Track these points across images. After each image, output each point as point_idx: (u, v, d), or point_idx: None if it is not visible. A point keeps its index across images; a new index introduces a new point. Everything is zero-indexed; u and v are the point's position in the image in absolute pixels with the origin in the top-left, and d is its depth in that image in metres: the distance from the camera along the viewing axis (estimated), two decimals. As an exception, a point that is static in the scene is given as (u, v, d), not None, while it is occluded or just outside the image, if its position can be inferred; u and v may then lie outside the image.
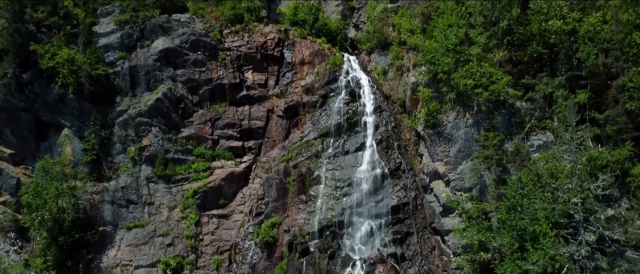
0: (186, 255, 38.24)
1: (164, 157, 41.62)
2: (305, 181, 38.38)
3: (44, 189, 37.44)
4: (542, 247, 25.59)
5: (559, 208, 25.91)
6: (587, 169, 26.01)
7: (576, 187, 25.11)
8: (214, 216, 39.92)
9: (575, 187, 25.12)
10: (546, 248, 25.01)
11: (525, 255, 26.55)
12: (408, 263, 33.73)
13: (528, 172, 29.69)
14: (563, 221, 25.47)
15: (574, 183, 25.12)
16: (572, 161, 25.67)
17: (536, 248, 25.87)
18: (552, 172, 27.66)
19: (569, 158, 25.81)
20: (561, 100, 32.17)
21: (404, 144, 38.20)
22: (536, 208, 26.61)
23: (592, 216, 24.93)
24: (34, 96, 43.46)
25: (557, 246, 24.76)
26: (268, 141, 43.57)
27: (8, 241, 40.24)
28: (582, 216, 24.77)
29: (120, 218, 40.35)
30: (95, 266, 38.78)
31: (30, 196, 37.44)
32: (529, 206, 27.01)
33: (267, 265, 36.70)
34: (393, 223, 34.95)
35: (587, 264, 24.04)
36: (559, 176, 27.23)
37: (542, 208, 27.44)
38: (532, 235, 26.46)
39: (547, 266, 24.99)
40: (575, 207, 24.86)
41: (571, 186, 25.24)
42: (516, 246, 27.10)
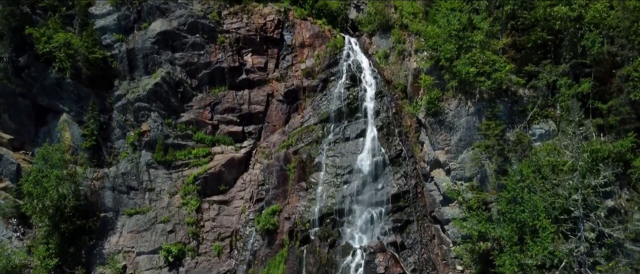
0: (187, 242, 38.77)
1: (163, 143, 41.74)
2: (306, 167, 38.54)
3: (44, 177, 37.63)
4: (541, 241, 25.87)
5: (559, 201, 26.04)
6: (588, 165, 25.98)
7: (577, 184, 25.16)
8: (214, 202, 40.31)
9: (576, 183, 25.17)
10: (545, 242, 25.28)
11: (524, 247, 26.89)
12: (408, 251, 34.20)
13: (529, 163, 29.75)
14: (563, 216, 25.65)
15: (575, 179, 25.16)
16: (573, 157, 25.63)
17: (535, 241, 26.15)
18: (553, 166, 27.67)
19: (571, 154, 25.76)
20: (564, 89, 31.95)
21: (405, 131, 38.18)
22: (536, 200, 26.71)
23: (592, 213, 25.09)
24: (31, 80, 43.31)
25: (557, 241, 25.01)
26: (268, 125, 43.56)
27: (10, 227, 40.77)
28: (582, 212, 24.92)
29: (121, 204, 40.77)
30: (97, 252, 39.40)
31: (31, 185, 37.65)
32: (529, 199, 27.15)
33: (268, 252, 37.24)
34: (393, 211, 35.29)
35: (586, 260, 24.34)
36: (560, 170, 27.23)
37: (542, 198, 27.58)
38: (531, 228, 26.70)
39: (545, 261, 25.32)
40: (576, 203, 24.98)
41: (572, 182, 25.27)
42: (515, 239, 27.40)
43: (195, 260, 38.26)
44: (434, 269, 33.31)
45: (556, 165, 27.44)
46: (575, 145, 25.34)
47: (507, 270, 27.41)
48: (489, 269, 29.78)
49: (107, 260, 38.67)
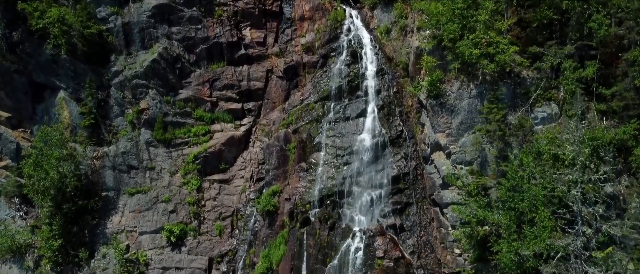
0: (189, 221, 39.53)
1: (162, 121, 41.87)
2: (306, 147, 38.73)
3: (44, 159, 37.93)
4: (539, 231, 26.33)
5: (558, 191, 26.30)
6: (588, 158, 26.07)
7: (577, 178, 25.35)
8: (215, 181, 40.80)
9: (576, 177, 25.36)
10: (543, 234, 25.74)
11: (522, 236, 27.39)
12: (407, 233, 34.85)
13: (530, 150, 29.88)
14: (561, 211, 26.00)
15: (575, 174, 25.33)
16: (574, 151, 25.70)
17: (533, 231, 26.62)
18: (554, 158, 27.77)
19: (572, 148, 25.81)
20: (569, 72, 31.59)
21: (406, 111, 38.09)
22: (536, 191, 27.00)
23: (590, 208, 25.40)
24: (26, 56, 43.00)
25: (554, 235, 25.44)
26: (268, 102, 43.50)
27: (13, 206, 41.49)
28: (580, 207, 25.23)
29: (122, 183, 41.32)
30: (100, 231, 40.25)
31: (31, 167, 38.00)
32: (528, 189, 27.43)
33: (268, 233, 38.01)
34: (393, 193, 35.71)
35: (582, 253, 24.85)
36: (561, 161, 27.34)
37: (542, 185, 27.85)
38: (530, 218, 27.12)
39: (542, 252, 25.88)
40: (574, 198, 25.25)
41: (572, 176, 25.45)
42: (514, 228, 27.87)
43: (197, 240, 39.15)
44: (433, 252, 34.05)
45: (557, 156, 27.48)
46: (576, 139, 25.31)
47: (504, 257, 28.02)
48: (486, 254, 30.41)
49: (110, 240, 39.58)
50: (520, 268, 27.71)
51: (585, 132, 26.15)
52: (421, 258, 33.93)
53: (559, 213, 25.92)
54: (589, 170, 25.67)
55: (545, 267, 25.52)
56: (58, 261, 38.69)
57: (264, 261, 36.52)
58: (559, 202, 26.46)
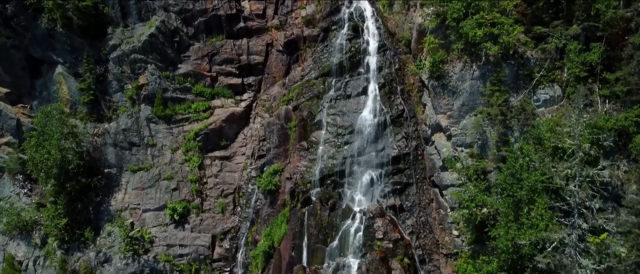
0: (191, 199, 40.35)
1: (162, 97, 41.97)
2: (307, 126, 38.97)
3: (46, 141, 38.35)
4: (536, 221, 27.02)
5: (556, 183, 26.75)
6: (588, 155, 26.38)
7: (575, 172, 25.73)
8: (216, 158, 41.33)
9: (575, 172, 25.73)
10: (540, 224, 26.41)
11: (519, 223, 28.13)
12: (406, 213, 35.65)
13: (530, 135, 30.17)
14: (559, 204, 26.52)
15: (573, 169, 25.68)
16: (574, 145, 25.95)
17: (530, 220, 27.30)
18: (554, 148, 28.04)
19: (571, 142, 26.05)
20: (573, 55, 31.40)
21: (407, 89, 38.06)
22: (534, 181, 27.48)
23: (587, 202, 25.91)
24: (22, 30, 42.75)
25: (551, 226, 26.09)
26: (268, 77, 43.37)
27: (17, 183, 42.30)
28: (577, 201, 25.73)
29: (124, 160, 41.91)
30: (104, 209, 41.20)
31: (33, 149, 38.47)
32: (527, 178, 27.89)
33: (270, 212, 38.87)
34: (393, 173, 36.25)
35: (577, 244, 25.59)
36: (560, 148, 27.65)
37: (540, 171, 28.31)
38: (528, 208, 27.75)
39: (538, 242, 26.65)
40: (572, 193, 25.72)
41: (570, 171, 25.81)
42: (511, 215, 28.55)
43: (200, 217, 40.11)
44: (431, 233, 34.97)
45: (556, 147, 27.77)
46: (577, 134, 25.52)
47: (501, 243, 28.87)
48: (484, 237, 31.27)
49: (114, 217, 40.57)
50: (516, 254, 28.62)
51: (586, 126, 26.23)
52: (420, 238, 34.90)
53: (556, 205, 26.43)
54: (587, 165, 25.99)
55: (540, 256, 26.30)
56: (64, 239, 39.90)
57: (266, 240, 37.61)
58: (556, 195, 26.96)
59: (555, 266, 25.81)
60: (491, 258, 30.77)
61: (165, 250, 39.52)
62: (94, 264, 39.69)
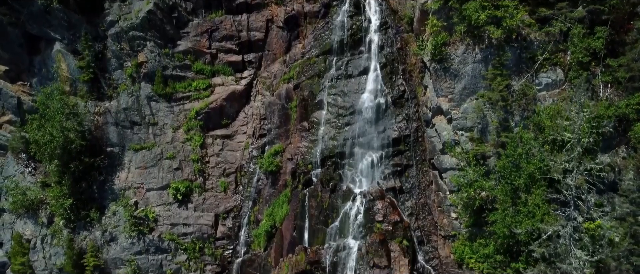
0: (194, 178, 41.10)
1: (162, 74, 42.06)
2: (308, 106, 39.17)
3: (48, 122, 38.73)
4: (532, 208, 27.73)
5: (553, 173, 27.25)
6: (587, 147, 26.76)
7: (573, 166, 26.17)
8: (217, 137, 41.80)
9: (573, 166, 26.16)
10: (537, 214, 27.13)
11: (516, 210, 28.89)
12: (406, 195, 36.36)
13: (531, 122, 30.48)
14: (555, 196, 27.08)
15: (572, 164, 26.09)
16: (573, 139, 26.29)
17: (527, 208, 28.01)
18: (554, 141, 28.41)
19: (571, 137, 26.36)
20: (577, 39, 31.27)
21: (409, 69, 37.99)
22: (533, 170, 28.00)
23: (583, 196, 26.48)
24: (18, 7, 42.47)
25: (547, 217, 26.79)
26: (268, 54, 43.24)
27: (21, 162, 42.98)
28: (574, 194, 26.29)
29: (126, 139, 42.43)
30: (108, 188, 42.05)
31: (35, 132, 38.90)
32: (526, 167, 28.40)
33: (272, 192, 39.66)
34: (393, 155, 36.70)
35: (572, 235, 26.34)
36: (559, 140, 28.03)
37: (539, 159, 28.81)
38: (525, 199, 28.40)
39: (534, 232, 27.44)
40: (568, 186, 26.24)
41: (568, 164, 26.24)
42: (509, 202, 29.24)
43: (203, 196, 40.96)
44: (430, 214, 35.79)
45: (555, 140, 28.13)
46: (577, 128, 25.81)
47: (498, 229, 29.71)
48: (481, 220, 32.10)
49: (118, 196, 41.46)
50: (512, 239, 29.52)
51: (586, 119, 26.47)
52: (419, 219, 35.76)
53: (552, 198, 27.04)
54: (585, 157, 26.41)
55: (535, 245, 27.15)
56: (70, 218, 40.94)
57: (268, 219, 38.58)
58: (553, 187, 27.54)
59: (549, 255, 26.68)
60: (488, 241, 31.74)
61: (169, 229, 40.64)
62: (100, 243, 40.95)
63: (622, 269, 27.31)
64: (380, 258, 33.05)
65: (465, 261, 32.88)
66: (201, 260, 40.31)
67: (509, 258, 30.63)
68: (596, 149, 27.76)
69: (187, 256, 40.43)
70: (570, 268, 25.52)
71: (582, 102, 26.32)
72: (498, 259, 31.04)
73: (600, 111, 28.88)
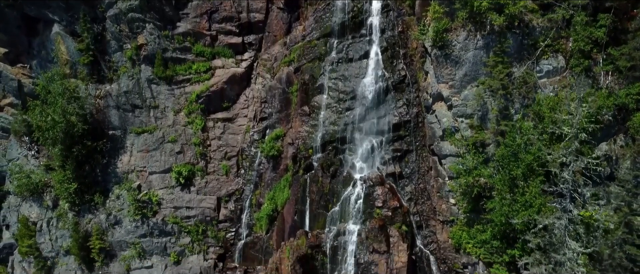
0: (196, 162, 41.68)
1: (162, 57, 42.14)
2: (308, 90, 39.37)
3: (50, 107, 39.05)
4: (530, 198, 28.39)
5: (550, 165, 27.75)
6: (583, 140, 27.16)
7: (570, 160, 26.62)
8: (219, 120, 42.19)
9: (570, 160, 26.61)
10: (535, 204, 27.80)
11: (513, 199, 29.58)
12: (405, 180, 36.98)
13: (530, 111, 30.84)
14: (551, 189, 27.64)
15: (569, 158, 26.54)
16: (571, 134, 26.66)
17: (524, 199, 28.67)
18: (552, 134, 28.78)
19: (569, 131, 26.72)
20: (580, 27, 31.26)
21: (410, 54, 38.02)
22: (531, 160, 28.52)
23: (578, 189, 27.03)
24: (14, -14, 42.02)
25: (543, 210, 27.44)
26: (269, 35, 43.17)
27: (24, 145, 43.46)
28: (570, 188, 26.83)
29: (127, 122, 42.82)
30: (111, 171, 42.71)
31: (38, 117, 39.28)
32: (525, 158, 28.89)
33: (273, 176, 40.31)
34: (393, 140, 37.13)
35: (567, 226, 27.03)
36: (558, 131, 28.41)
37: (537, 147, 29.31)
38: (523, 186, 29.00)
39: (530, 222, 28.17)
40: (565, 180, 26.76)
41: (565, 158, 26.69)
42: (507, 191, 29.86)
43: (205, 179, 41.65)
44: (429, 200, 36.48)
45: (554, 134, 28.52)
46: (575, 122, 26.17)
47: (495, 217, 30.47)
48: (479, 207, 32.81)
49: (122, 180, 42.13)
50: (509, 227, 30.30)
51: (585, 114, 26.79)
52: (418, 204, 36.51)
53: (548, 190, 27.63)
54: (584, 149, 26.88)
55: (530, 235, 27.93)
56: (75, 202, 41.74)
57: (270, 203, 39.38)
58: (550, 179, 28.10)
59: (544, 245, 27.49)
60: (485, 228, 32.55)
61: (172, 212, 41.51)
62: (105, 226, 41.93)
63: (615, 257, 28.16)
64: (380, 243, 33.97)
65: (463, 245, 33.80)
66: (204, 242, 41.37)
67: (505, 244, 31.53)
68: (594, 142, 28.15)
69: (190, 239, 41.50)
70: (564, 259, 26.34)
71: (581, 97, 26.52)
72: (495, 245, 31.94)
73: (599, 102, 29.17)
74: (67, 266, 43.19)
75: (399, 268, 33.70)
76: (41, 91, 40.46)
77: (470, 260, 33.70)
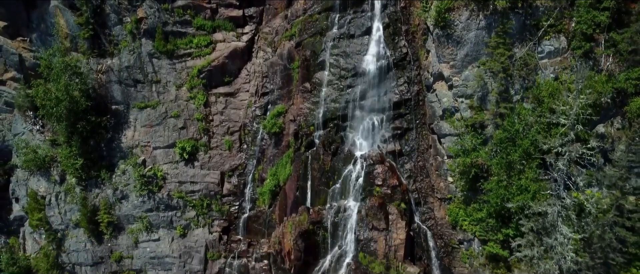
0: (199, 137, 42.59)
1: (163, 31, 42.28)
2: (310, 66, 39.71)
3: (53, 85, 39.58)
4: (526, 184, 29.47)
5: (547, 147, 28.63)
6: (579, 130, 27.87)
7: (565, 151, 27.42)
8: (221, 95, 42.75)
9: (565, 150, 27.41)
10: (531, 188, 28.89)
11: (510, 183, 30.67)
12: (405, 158, 37.96)
13: (530, 94, 31.45)
14: (546, 178, 28.59)
15: (565, 148, 27.31)
16: (568, 124, 27.33)
17: (520, 183, 29.76)
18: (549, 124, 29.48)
19: (566, 122, 27.37)
20: (583, 10, 31.35)
21: (412, 30, 38.11)
22: (528, 146, 29.39)
23: (573, 178, 27.96)
24: (10, -43, 41.65)
25: (538, 197, 28.54)
26: (270, 8, 43.07)
27: (29, 120, 44.22)
28: (564, 176, 27.75)
29: (130, 97, 43.42)
30: (116, 146, 43.70)
31: (42, 97, 39.88)
32: (522, 143, 29.72)
33: (275, 152, 41.28)
34: (394, 118, 37.83)
35: (560, 212, 28.17)
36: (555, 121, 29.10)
37: (537, 130, 30.14)
38: (519, 170, 30.01)
39: (525, 206, 29.35)
40: (560, 169, 27.65)
41: (561, 149, 27.47)
42: (503, 175, 30.89)
43: (208, 155, 42.68)
44: (427, 177, 37.56)
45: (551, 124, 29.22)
46: (573, 112, 26.81)
47: (491, 199, 31.67)
48: (476, 186, 33.95)
49: (127, 154, 43.17)
50: (503, 208, 31.58)
51: (582, 106, 27.39)
52: (417, 182, 37.65)
53: (544, 178, 28.63)
54: (579, 139, 27.66)
55: (524, 220, 29.20)
56: (82, 177, 42.98)
57: (272, 179, 40.57)
58: (545, 166, 29.06)
59: (537, 230, 28.80)
60: (482, 206, 33.80)
61: (177, 187, 42.81)
62: (112, 201, 43.36)
63: (605, 238, 29.53)
64: (379, 221, 35.37)
65: (459, 223, 35.20)
66: (209, 216, 42.93)
67: (500, 223, 32.89)
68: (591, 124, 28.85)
69: (195, 213, 43.02)
70: (555, 243, 27.69)
71: (580, 89, 27.06)
72: (490, 223, 33.30)
73: (598, 88, 29.70)
74: (77, 238, 45.05)
75: (397, 245, 35.24)
76: (44, 70, 40.87)
77: (466, 237, 35.19)
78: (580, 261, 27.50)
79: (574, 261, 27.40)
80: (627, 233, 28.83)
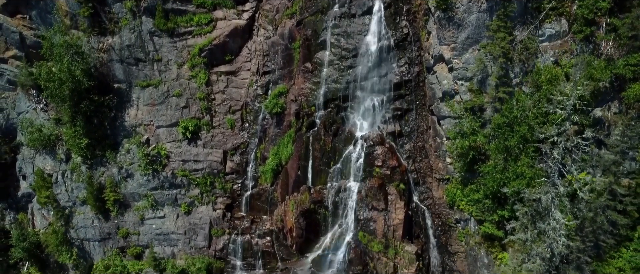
0: (201, 116, 43.32)
1: (163, 8, 42.36)
2: (311, 46, 40.02)
3: (56, 66, 40.05)
4: (521, 170, 30.41)
5: (543, 136, 29.41)
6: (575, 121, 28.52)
7: (561, 141, 28.16)
8: (222, 74, 43.21)
9: (560, 140, 28.14)
10: (526, 174, 29.84)
11: (506, 168, 31.65)
12: (405, 138, 38.79)
13: (530, 79, 31.99)
14: (541, 165, 29.45)
15: (560, 138, 28.03)
16: (564, 115, 27.96)
17: (516, 168, 30.70)
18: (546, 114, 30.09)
19: (563, 113, 27.99)
20: (584, -5, 31.52)
21: (414, 10, 38.21)
22: (525, 132, 30.17)
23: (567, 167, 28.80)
24: None
25: (533, 184, 29.51)
26: (270, -16, 42.91)
27: (32, 99, 44.85)
28: (559, 165, 28.61)
29: (132, 76, 43.90)
30: (119, 124, 44.48)
31: (45, 79, 40.41)
32: (519, 129, 30.49)
33: (277, 132, 42.07)
34: (394, 99, 38.44)
35: (554, 199, 29.18)
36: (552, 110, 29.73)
37: (534, 115, 30.90)
38: (516, 155, 30.90)
39: (520, 192, 30.40)
40: (555, 159, 28.47)
41: (557, 139, 28.20)
42: (501, 160, 31.80)
43: (211, 133, 43.52)
44: (426, 158, 38.48)
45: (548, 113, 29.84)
46: (568, 106, 27.43)
47: (488, 182, 32.71)
48: (474, 169, 34.95)
49: (130, 133, 44.00)
50: (500, 191, 32.67)
51: (579, 96, 27.98)
52: (416, 162, 38.62)
53: (539, 166, 29.53)
54: (575, 124, 28.45)
55: (519, 205, 30.31)
56: (87, 156, 43.99)
57: (274, 158, 41.55)
58: (541, 153, 29.92)
59: (531, 215, 29.95)
60: (478, 187, 34.91)
61: (181, 165, 43.87)
62: (118, 179, 44.53)
63: (597, 221, 30.72)
64: (378, 202, 36.58)
65: (457, 203, 36.40)
66: (212, 193, 44.16)
67: (496, 204, 34.08)
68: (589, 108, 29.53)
69: (199, 190, 44.25)
70: (548, 228, 28.88)
71: (577, 81, 27.61)
72: (486, 204, 34.50)
73: (597, 74, 30.23)
74: (84, 215, 46.51)
75: (396, 224, 36.58)
76: (46, 51, 41.25)
77: (463, 216, 36.47)
78: (571, 245, 28.73)
79: (566, 245, 28.65)
80: (619, 216, 30.03)
